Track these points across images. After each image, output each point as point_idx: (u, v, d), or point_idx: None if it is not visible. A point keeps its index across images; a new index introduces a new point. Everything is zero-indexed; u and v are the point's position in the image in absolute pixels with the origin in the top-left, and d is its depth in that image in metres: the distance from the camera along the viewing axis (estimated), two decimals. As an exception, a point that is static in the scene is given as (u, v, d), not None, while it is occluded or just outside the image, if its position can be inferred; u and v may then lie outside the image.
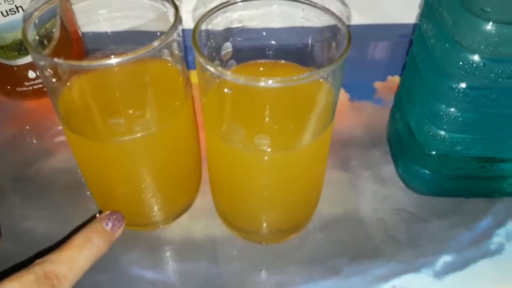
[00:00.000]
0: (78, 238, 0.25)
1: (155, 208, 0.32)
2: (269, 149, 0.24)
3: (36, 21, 0.25)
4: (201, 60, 0.22)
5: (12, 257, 0.31)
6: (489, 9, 0.26)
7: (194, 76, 0.27)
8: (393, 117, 0.38)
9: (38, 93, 0.41)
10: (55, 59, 0.22)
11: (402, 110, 0.35)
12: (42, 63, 0.24)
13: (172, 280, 0.31)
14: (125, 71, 0.25)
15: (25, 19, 0.25)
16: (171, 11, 0.26)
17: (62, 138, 0.40)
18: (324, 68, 0.22)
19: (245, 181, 0.27)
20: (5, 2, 0.35)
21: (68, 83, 0.26)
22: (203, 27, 0.24)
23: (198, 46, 0.23)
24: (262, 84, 0.21)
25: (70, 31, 0.36)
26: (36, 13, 0.25)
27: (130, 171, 0.29)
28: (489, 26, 0.25)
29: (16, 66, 0.39)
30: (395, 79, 0.45)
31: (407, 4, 0.48)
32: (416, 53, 0.33)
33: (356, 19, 0.50)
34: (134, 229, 0.33)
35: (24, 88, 0.41)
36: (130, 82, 0.27)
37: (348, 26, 0.23)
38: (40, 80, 0.40)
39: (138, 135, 0.26)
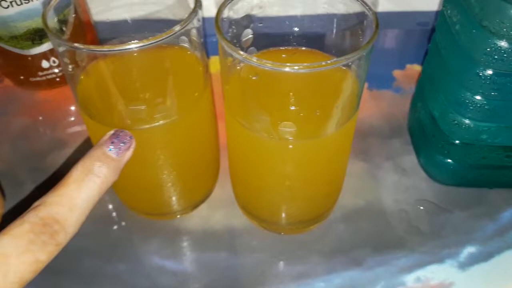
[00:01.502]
0: (76, 171, 0.20)
1: (174, 197, 0.32)
2: (293, 138, 0.24)
3: (55, 7, 0.24)
4: (225, 45, 0.21)
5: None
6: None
7: (212, 64, 0.26)
8: (414, 106, 0.37)
9: (52, 83, 0.41)
10: (77, 44, 0.21)
11: (424, 99, 0.34)
12: (61, 49, 0.24)
13: (193, 270, 0.31)
14: (143, 58, 0.25)
15: (45, 5, 0.25)
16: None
17: (76, 128, 0.40)
18: (353, 53, 0.21)
19: (268, 170, 0.27)
20: (19, -9, 0.35)
21: (86, 69, 0.26)
22: (225, 13, 0.24)
23: (221, 31, 0.22)
24: (289, 70, 0.20)
25: (83, 19, 0.36)
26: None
27: (149, 159, 0.28)
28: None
29: (30, 56, 0.38)
30: (414, 67, 0.45)
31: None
32: (439, 40, 0.32)
33: (374, 7, 0.49)
34: (154, 218, 0.33)
35: (38, 78, 0.40)
36: (149, 69, 0.26)
37: (376, 14, 0.23)
38: (53, 70, 0.40)
39: (158, 123, 0.26)
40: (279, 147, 0.24)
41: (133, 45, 0.22)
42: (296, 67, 0.20)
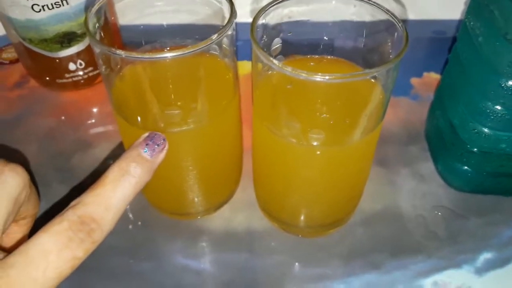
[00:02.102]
0: (112, 172, 0.20)
1: (198, 198, 0.32)
2: (321, 145, 0.25)
3: (95, 11, 0.25)
4: (260, 55, 0.22)
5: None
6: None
7: (242, 67, 0.27)
8: (432, 114, 0.38)
9: (77, 85, 0.42)
10: (119, 51, 0.22)
11: (443, 108, 0.35)
12: (99, 51, 0.24)
13: (214, 270, 0.32)
14: (176, 64, 0.26)
15: (87, 10, 0.26)
16: (225, 6, 0.26)
17: (99, 129, 0.41)
18: (382, 66, 0.22)
19: (293, 175, 0.27)
20: (50, -5, 0.36)
21: (121, 73, 0.27)
22: (259, 22, 0.25)
23: (256, 40, 0.23)
24: (320, 79, 0.21)
25: (111, 22, 0.37)
26: (97, 5, 0.25)
27: (177, 161, 0.29)
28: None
29: (58, 58, 0.39)
30: (431, 75, 0.45)
31: (443, 0, 0.48)
32: (461, 50, 0.33)
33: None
34: (178, 218, 0.34)
35: (64, 80, 0.41)
36: (181, 75, 0.27)
37: (405, 27, 0.23)
38: (79, 73, 0.41)
39: (189, 127, 0.26)
40: (306, 153, 0.25)
41: (171, 53, 0.22)
42: (327, 77, 0.21)
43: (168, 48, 0.30)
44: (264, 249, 0.33)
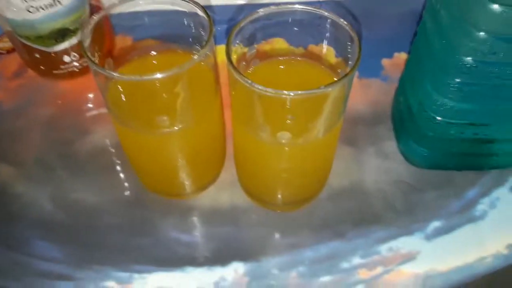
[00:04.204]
0: None
1: (188, 181, 0.37)
2: (289, 142, 0.29)
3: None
4: (236, 75, 0.26)
5: (63, 223, 0.37)
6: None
7: (221, 52, 0.29)
8: (397, 100, 0.42)
9: (72, 75, 0.45)
10: (108, 71, 0.26)
11: (405, 95, 0.39)
12: (94, 68, 0.28)
13: (203, 241, 0.36)
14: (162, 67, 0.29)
15: (82, 32, 0.29)
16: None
17: (96, 115, 0.44)
18: (337, 82, 0.26)
19: (268, 166, 0.32)
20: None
21: (113, 81, 0.30)
22: (234, 40, 0.28)
23: (232, 60, 0.26)
24: (286, 96, 0.25)
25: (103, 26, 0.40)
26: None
27: (168, 154, 0.33)
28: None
29: (53, 52, 0.42)
30: (402, 56, 0.48)
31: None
32: (427, 26, 0.35)
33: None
34: (170, 198, 0.38)
35: (60, 71, 0.44)
36: (166, 82, 0.30)
37: (360, 41, 0.27)
38: (73, 64, 0.44)
39: (176, 128, 0.31)
40: (277, 149, 0.30)
41: (158, 75, 0.26)
42: (292, 94, 0.25)
43: (154, 52, 0.33)
44: (246, 223, 0.37)
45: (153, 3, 0.31)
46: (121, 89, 0.29)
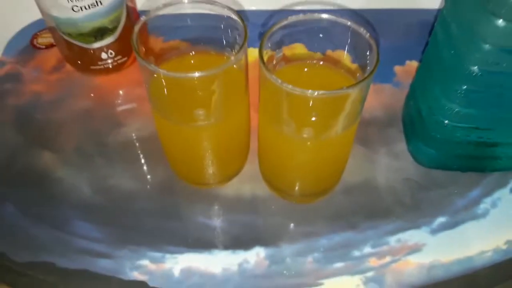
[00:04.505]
0: None
1: (215, 172, 0.40)
2: (311, 137, 0.32)
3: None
4: (266, 74, 0.29)
5: (101, 206, 0.40)
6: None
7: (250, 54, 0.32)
8: (407, 103, 0.45)
9: (107, 71, 0.49)
10: (155, 67, 0.29)
11: (415, 100, 0.42)
12: (143, 64, 0.31)
13: (227, 226, 0.39)
14: (198, 67, 0.32)
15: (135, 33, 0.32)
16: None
17: (128, 109, 0.48)
18: (359, 83, 0.29)
19: (291, 158, 0.35)
20: (88, -3, 0.42)
21: (155, 75, 0.33)
22: (266, 43, 0.31)
23: (265, 61, 0.30)
24: (310, 95, 0.29)
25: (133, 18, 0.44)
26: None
27: (200, 145, 0.37)
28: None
29: (92, 49, 0.46)
30: (413, 64, 0.51)
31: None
32: (438, 36, 0.37)
33: (377, 3, 0.55)
34: (198, 186, 0.42)
35: (97, 67, 0.48)
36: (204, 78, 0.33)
37: (378, 50, 0.30)
38: (109, 61, 0.48)
39: (209, 122, 0.34)
40: (300, 143, 0.33)
41: (195, 74, 0.29)
42: (317, 93, 0.28)
43: (193, 53, 0.37)
44: (265, 212, 0.40)
45: (192, 8, 0.35)
46: (164, 83, 0.32)
